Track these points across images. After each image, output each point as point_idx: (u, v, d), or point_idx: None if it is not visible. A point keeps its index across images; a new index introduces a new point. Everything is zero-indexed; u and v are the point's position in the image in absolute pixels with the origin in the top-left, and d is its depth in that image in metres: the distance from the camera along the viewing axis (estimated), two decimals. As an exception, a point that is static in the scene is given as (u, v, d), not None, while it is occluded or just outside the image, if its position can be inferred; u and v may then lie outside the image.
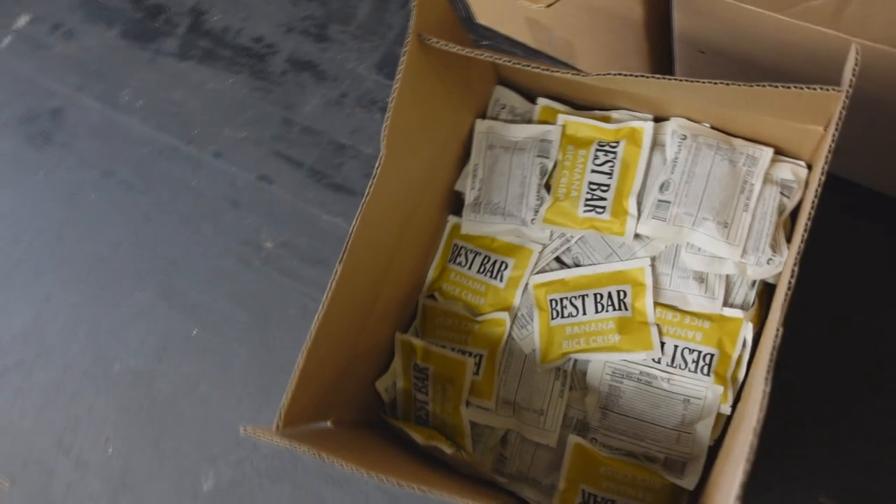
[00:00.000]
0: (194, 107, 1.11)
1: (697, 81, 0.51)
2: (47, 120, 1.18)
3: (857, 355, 0.74)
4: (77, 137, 1.15)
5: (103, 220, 1.09)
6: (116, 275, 1.05)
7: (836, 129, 0.45)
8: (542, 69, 0.58)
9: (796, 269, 0.44)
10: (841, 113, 0.45)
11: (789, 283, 0.44)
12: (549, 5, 0.59)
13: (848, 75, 0.45)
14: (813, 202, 0.45)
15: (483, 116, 0.74)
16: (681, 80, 0.52)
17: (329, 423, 0.64)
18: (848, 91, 0.45)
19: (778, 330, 0.44)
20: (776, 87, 0.48)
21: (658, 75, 0.53)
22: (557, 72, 0.57)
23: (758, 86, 0.49)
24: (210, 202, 1.05)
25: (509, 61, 0.58)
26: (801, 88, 0.47)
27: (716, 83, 0.50)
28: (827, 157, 0.45)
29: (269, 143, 1.05)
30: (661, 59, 0.81)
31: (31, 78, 1.22)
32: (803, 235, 0.45)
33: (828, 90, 0.46)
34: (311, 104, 1.05)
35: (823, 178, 0.45)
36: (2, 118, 1.20)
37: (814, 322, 0.74)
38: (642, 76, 0.53)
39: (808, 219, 0.45)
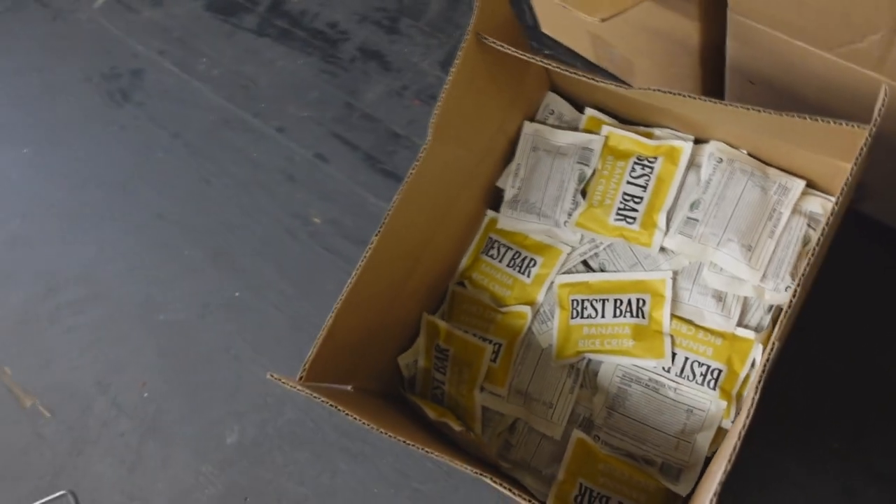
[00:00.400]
0: (264, 82, 1.17)
1: (731, 105, 0.53)
2: (128, 79, 1.25)
3: (871, 386, 0.75)
4: (153, 98, 1.22)
5: (167, 178, 1.15)
6: (172, 230, 1.11)
7: (856, 164, 0.47)
8: (590, 78, 0.61)
9: (798, 289, 0.46)
10: (862, 149, 0.47)
11: (790, 301, 0.47)
12: (604, 19, 0.62)
13: (874, 114, 0.48)
14: (823, 230, 0.48)
15: (532, 119, 0.77)
16: (714, 102, 0.55)
17: (350, 388, 0.68)
18: (872, 129, 0.48)
19: (773, 343, 0.46)
20: (805, 118, 0.51)
21: (695, 95, 0.56)
22: (602, 82, 0.60)
23: (787, 115, 0.52)
24: (267, 173, 1.10)
25: (560, 67, 0.61)
26: (829, 122, 0.50)
27: (748, 108, 0.53)
28: (843, 188, 0.47)
29: (330, 125, 1.10)
30: (713, 86, 0.84)
31: (118, 38, 1.30)
32: (809, 259, 0.47)
33: (853, 126, 0.49)
34: (374, 92, 1.10)
35: (837, 209, 0.48)
36: (87, 73, 1.28)
37: (830, 351, 0.76)
38: (679, 94, 0.56)
39: (816, 244, 0.47)
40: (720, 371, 0.64)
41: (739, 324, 0.65)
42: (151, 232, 1.12)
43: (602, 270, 0.72)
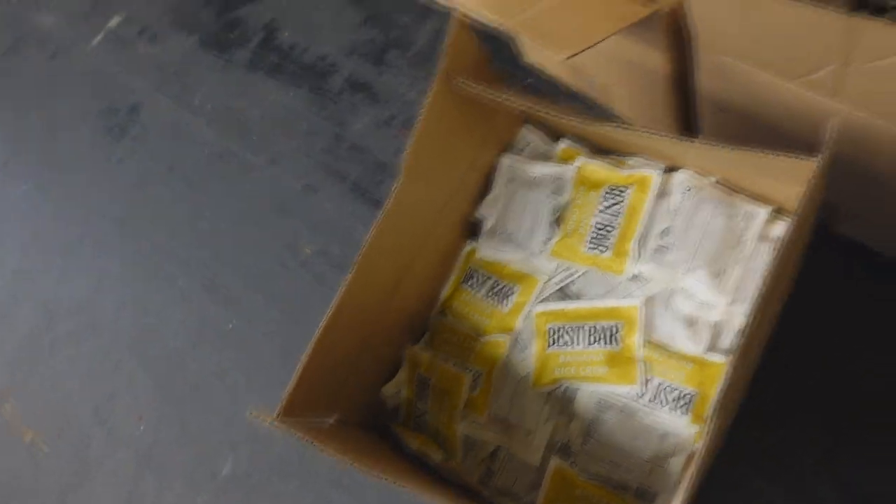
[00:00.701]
0: (256, 115, 1.19)
1: (689, 141, 0.55)
2: (125, 114, 1.28)
3: (843, 396, 0.75)
4: (149, 133, 1.25)
5: (162, 210, 1.18)
6: (168, 261, 1.13)
7: (805, 195, 0.49)
8: (557, 116, 0.63)
9: (756, 313, 0.48)
10: (811, 180, 0.49)
11: (747, 326, 0.48)
12: (569, 57, 0.64)
13: (823, 146, 0.49)
14: (775, 257, 0.49)
15: (508, 151, 0.79)
16: (673, 139, 0.56)
17: (332, 420, 0.70)
18: (820, 161, 0.49)
19: (730, 369, 0.47)
20: (759, 152, 0.52)
21: (656, 132, 0.57)
22: (570, 119, 0.62)
23: (744, 150, 0.53)
24: (259, 205, 1.12)
25: (528, 105, 0.63)
26: (781, 157, 0.51)
27: (707, 144, 0.54)
28: (793, 218, 0.49)
29: (319, 156, 1.12)
30: (687, 111, 0.85)
31: (115, 75, 1.33)
32: (764, 285, 0.48)
33: (804, 159, 0.50)
34: (362, 123, 1.12)
35: (789, 236, 0.49)
36: (86, 109, 1.31)
37: (804, 367, 0.76)
38: (641, 131, 0.57)
39: (769, 270, 0.49)
40: (692, 396, 0.65)
41: (711, 348, 0.67)
42: (147, 264, 1.14)
43: (578, 298, 0.73)
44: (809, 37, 0.57)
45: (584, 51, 0.64)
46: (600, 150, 0.78)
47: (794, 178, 0.59)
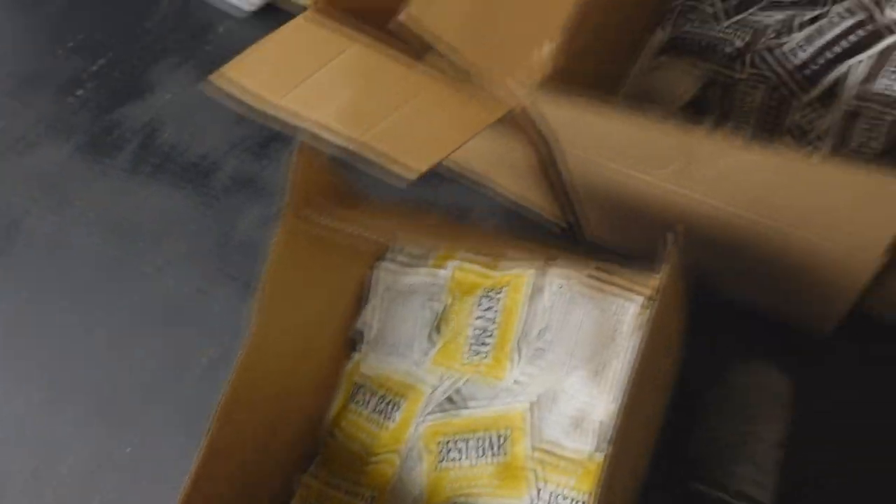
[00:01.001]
0: (140, 220, 1.15)
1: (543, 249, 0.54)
2: (3, 231, 1.22)
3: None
4: (29, 249, 1.19)
5: (49, 329, 1.12)
6: (57, 383, 1.07)
7: (654, 308, 0.48)
8: (424, 241, 0.61)
9: (627, 408, 0.47)
10: (657, 294, 0.49)
11: (618, 418, 0.47)
12: (421, 174, 0.63)
13: (664, 262, 0.49)
14: (637, 352, 0.48)
15: (383, 258, 0.77)
16: (528, 253, 0.56)
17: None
18: (662, 277, 0.49)
19: (606, 463, 0.47)
20: (602, 271, 0.52)
21: (509, 252, 0.57)
22: (426, 238, 0.61)
23: (590, 262, 0.53)
24: (150, 314, 1.08)
25: (380, 238, 0.62)
26: (624, 272, 0.51)
27: (556, 254, 0.54)
28: (650, 316, 0.48)
29: (208, 257, 1.09)
30: (563, 195, 0.85)
31: (-10, 190, 1.27)
32: (632, 374, 0.48)
33: (645, 276, 0.50)
34: (249, 219, 1.10)
35: (643, 347, 0.49)
36: (-41, 231, 1.25)
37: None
38: (494, 243, 0.57)
39: (633, 363, 0.48)
40: (584, 502, 0.64)
41: (598, 448, 0.66)
42: (35, 392, 1.08)
43: (467, 402, 0.72)
44: (649, 143, 0.58)
45: (433, 166, 0.64)
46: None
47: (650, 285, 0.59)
